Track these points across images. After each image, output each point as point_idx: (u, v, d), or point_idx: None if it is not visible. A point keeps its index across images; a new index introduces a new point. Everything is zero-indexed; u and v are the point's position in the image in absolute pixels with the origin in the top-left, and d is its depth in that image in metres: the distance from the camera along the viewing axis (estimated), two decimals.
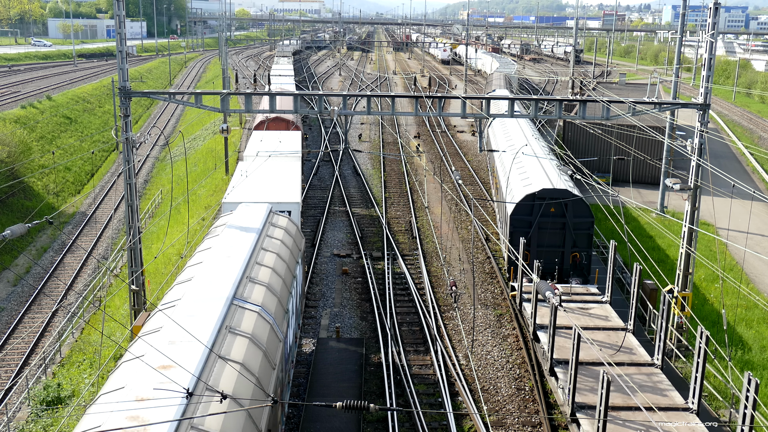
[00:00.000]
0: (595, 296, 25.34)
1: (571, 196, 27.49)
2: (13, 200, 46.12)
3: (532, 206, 27.64)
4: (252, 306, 17.30)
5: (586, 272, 28.04)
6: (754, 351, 26.48)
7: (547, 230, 27.66)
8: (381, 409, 15.29)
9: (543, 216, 27.51)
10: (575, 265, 27.96)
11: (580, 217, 27.60)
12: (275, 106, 27.28)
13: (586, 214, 27.59)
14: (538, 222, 27.57)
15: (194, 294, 17.19)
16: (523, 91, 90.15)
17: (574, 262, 27.95)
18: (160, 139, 67.60)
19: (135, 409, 12.06)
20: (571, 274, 27.99)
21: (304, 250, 25.87)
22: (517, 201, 27.95)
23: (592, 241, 28.39)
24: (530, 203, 27.65)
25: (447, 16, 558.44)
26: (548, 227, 27.64)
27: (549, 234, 27.68)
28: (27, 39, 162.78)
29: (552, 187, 27.85)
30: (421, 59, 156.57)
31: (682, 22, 40.23)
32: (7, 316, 32.91)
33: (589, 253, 27.99)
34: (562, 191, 27.66)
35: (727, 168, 53.48)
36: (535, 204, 27.58)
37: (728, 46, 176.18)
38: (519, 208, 27.81)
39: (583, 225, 27.70)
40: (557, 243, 27.78)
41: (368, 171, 51.07)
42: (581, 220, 27.64)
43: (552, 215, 27.53)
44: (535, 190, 27.74)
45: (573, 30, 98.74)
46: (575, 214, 27.53)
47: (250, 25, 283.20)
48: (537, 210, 27.53)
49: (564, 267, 27.84)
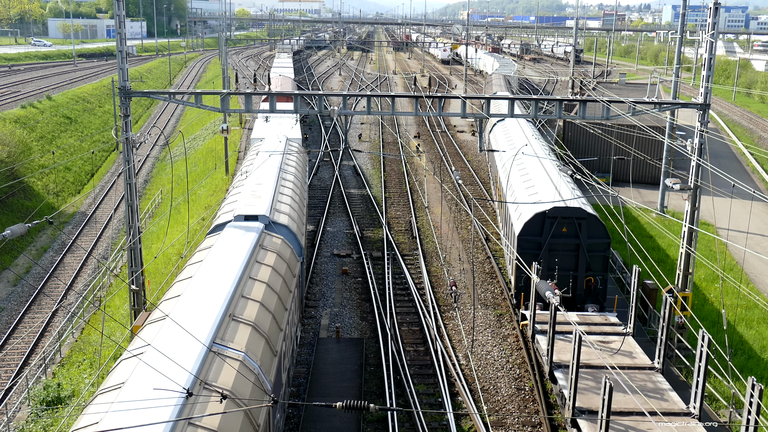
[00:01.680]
0: (615, 327, 22.99)
1: (585, 214, 25.39)
2: (13, 200, 46.12)
3: (542, 226, 25.48)
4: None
5: (601, 298, 25.94)
6: (754, 351, 26.48)
7: (558, 252, 25.47)
8: (381, 409, 15.30)
9: (554, 237, 25.40)
10: (590, 290, 25.86)
11: (595, 237, 25.47)
12: (275, 105, 27.30)
13: (601, 234, 25.49)
14: (548, 243, 25.41)
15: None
16: (523, 91, 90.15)
17: (588, 287, 25.83)
18: (160, 139, 67.59)
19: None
20: (585, 300, 25.83)
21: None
22: (525, 220, 25.85)
23: (608, 264, 26.39)
24: (540, 223, 25.50)
25: (447, 16, 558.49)
26: (560, 249, 25.47)
27: (561, 256, 25.49)
28: (27, 39, 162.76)
29: (564, 206, 25.72)
30: (421, 59, 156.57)
31: (682, 22, 40.23)
32: (7, 316, 32.91)
33: (605, 277, 25.91)
34: (576, 210, 25.47)
35: (727, 168, 53.48)
36: (545, 223, 25.40)
37: (728, 46, 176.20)
38: (528, 228, 25.69)
39: (599, 246, 25.57)
40: (570, 266, 25.65)
41: (368, 171, 51.07)
42: (596, 242, 25.52)
43: (564, 236, 25.44)
44: (546, 209, 25.59)
45: (573, 30, 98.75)
46: (590, 235, 25.42)
47: (250, 25, 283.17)
48: (548, 230, 25.41)
49: (577, 292, 25.79)
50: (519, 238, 25.87)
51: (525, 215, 26.33)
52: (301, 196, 29.91)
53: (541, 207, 25.94)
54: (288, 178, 30.62)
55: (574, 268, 25.65)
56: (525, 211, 26.75)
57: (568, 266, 25.57)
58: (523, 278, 25.64)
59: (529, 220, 25.62)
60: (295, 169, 32.79)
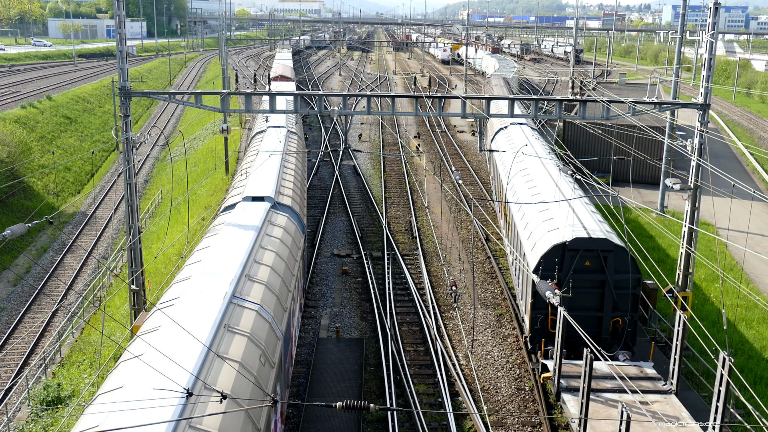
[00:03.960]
0: (654, 382, 19.75)
1: (612, 246, 22.21)
2: (13, 200, 46.12)
3: (561, 260, 22.27)
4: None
5: (630, 342, 22.84)
6: (754, 351, 26.48)
7: (581, 290, 22.36)
8: (381, 409, 15.30)
9: (576, 272, 22.24)
10: (616, 333, 22.79)
11: (623, 272, 22.27)
12: (275, 105, 27.32)
13: (630, 269, 22.29)
14: (569, 279, 22.20)
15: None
16: (523, 92, 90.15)
17: (615, 329, 22.77)
18: (160, 139, 67.60)
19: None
20: (611, 345, 22.66)
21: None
22: (542, 253, 22.54)
23: (639, 303, 23.02)
24: (559, 256, 22.29)
25: (447, 16, 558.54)
26: (583, 286, 22.37)
27: (584, 295, 22.40)
28: (27, 39, 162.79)
29: (587, 236, 22.54)
30: (421, 59, 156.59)
31: (682, 22, 40.24)
32: (7, 316, 32.90)
33: (635, 318, 22.72)
34: (601, 241, 22.25)
35: (727, 168, 53.49)
36: (565, 257, 22.25)
37: (728, 46, 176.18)
38: (545, 262, 22.30)
39: (627, 283, 22.37)
40: (594, 306, 22.56)
41: (368, 171, 51.08)
42: (624, 277, 22.30)
43: (587, 271, 22.30)
44: (566, 240, 22.32)
45: (573, 30, 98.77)
46: (617, 270, 22.25)
47: (250, 25, 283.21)
48: (568, 264, 22.24)
49: (602, 336, 22.66)
50: (535, 274, 22.39)
51: (541, 246, 23.13)
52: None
53: (560, 237, 22.80)
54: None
55: (599, 307, 22.56)
56: (541, 241, 23.61)
57: (591, 306, 22.58)
58: (540, 320, 22.72)
59: (546, 252, 22.41)
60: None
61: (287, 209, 25.83)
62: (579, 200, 27.08)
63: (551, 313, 22.28)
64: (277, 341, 17.12)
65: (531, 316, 22.95)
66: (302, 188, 30.87)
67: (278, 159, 31.81)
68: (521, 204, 28.68)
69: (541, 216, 25.60)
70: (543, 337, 22.61)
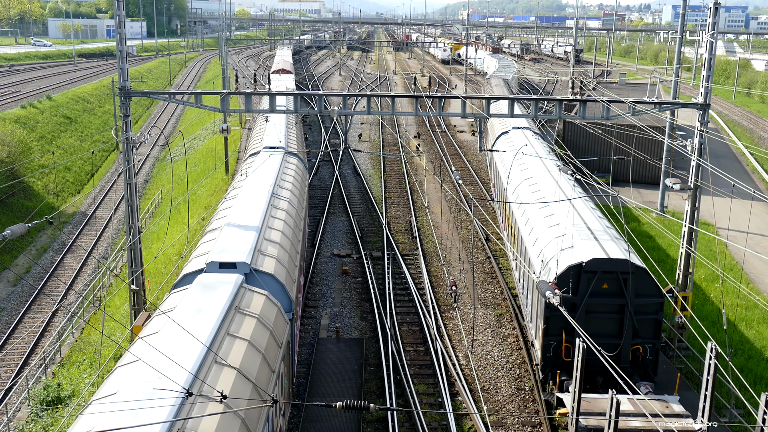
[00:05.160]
0: (682, 420, 18.06)
1: (633, 268, 20.61)
2: (13, 200, 46.12)
3: (577, 282, 20.74)
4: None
5: (651, 372, 21.30)
6: (754, 351, 26.48)
7: (598, 315, 20.87)
8: (381, 409, 15.30)
9: (593, 295, 20.72)
10: (637, 362, 21.25)
11: (644, 296, 20.77)
12: (275, 105, 27.32)
13: (652, 292, 20.79)
14: (585, 304, 20.71)
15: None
16: (523, 91, 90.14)
17: (635, 357, 21.21)
18: (160, 139, 67.60)
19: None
20: (632, 375, 21.10)
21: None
22: (556, 274, 21.07)
23: (661, 330, 21.52)
24: (575, 277, 20.76)
25: (447, 16, 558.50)
26: (600, 311, 20.86)
27: (601, 320, 20.89)
28: (27, 39, 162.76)
29: (606, 257, 20.92)
30: (421, 59, 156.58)
31: (682, 22, 40.24)
32: (7, 316, 32.90)
33: (657, 345, 21.23)
34: (620, 262, 20.66)
35: (727, 168, 53.49)
36: (582, 279, 20.69)
37: (728, 46, 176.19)
38: (559, 285, 20.79)
39: (649, 307, 20.87)
40: (612, 332, 20.98)
41: (368, 171, 51.08)
42: (646, 301, 20.80)
43: (606, 294, 20.77)
44: (583, 260, 20.78)
45: (573, 30, 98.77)
46: (638, 293, 20.70)
47: (250, 25, 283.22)
48: (585, 287, 20.67)
49: (621, 364, 21.04)
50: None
51: (555, 267, 21.53)
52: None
53: (576, 257, 21.23)
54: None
55: (618, 334, 20.98)
56: (554, 261, 22.01)
57: (609, 332, 20.96)
58: (553, 347, 21.24)
59: (560, 274, 20.84)
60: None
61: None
62: (590, 211, 25.83)
63: (566, 340, 20.86)
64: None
65: (543, 343, 21.26)
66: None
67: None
68: (525, 210, 27.53)
69: (552, 232, 24.17)
70: (557, 367, 21.08)
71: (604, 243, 22.11)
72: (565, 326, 20.76)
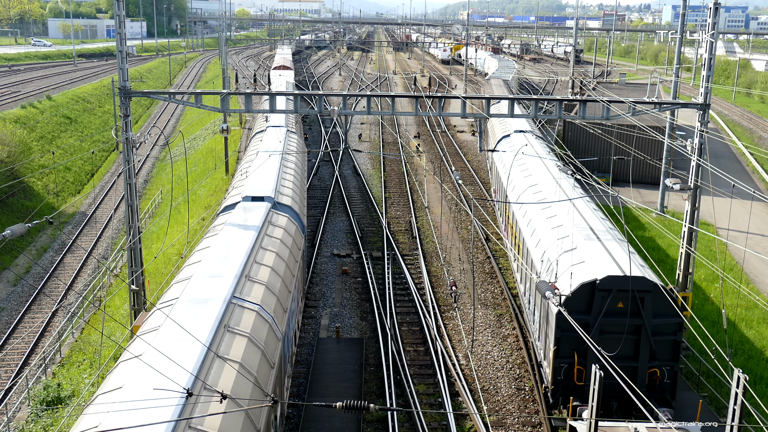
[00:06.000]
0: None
1: (650, 286, 19.39)
2: (13, 200, 46.12)
3: (590, 300, 19.50)
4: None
5: (669, 396, 20.02)
6: (754, 351, 26.49)
7: (613, 336, 19.58)
8: (381, 409, 15.30)
9: (607, 315, 19.43)
10: (654, 386, 20.01)
11: (662, 316, 19.54)
12: (275, 105, 27.32)
13: (670, 311, 19.55)
14: (599, 324, 19.43)
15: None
16: (523, 92, 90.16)
17: (652, 381, 19.99)
18: (160, 139, 67.60)
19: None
20: (649, 400, 19.56)
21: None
22: (568, 293, 19.71)
23: (680, 352, 20.21)
24: (587, 296, 19.53)
25: (447, 16, 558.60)
26: (615, 331, 19.57)
27: (616, 341, 19.59)
28: (27, 39, 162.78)
29: (621, 274, 19.62)
30: (421, 59, 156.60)
31: (682, 22, 40.25)
32: (7, 316, 32.91)
33: (675, 368, 19.91)
34: (637, 280, 19.36)
35: (727, 168, 53.49)
36: (595, 297, 19.43)
37: (728, 47, 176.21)
38: (571, 303, 19.53)
39: (667, 328, 19.64)
40: (627, 354, 19.71)
41: (368, 171, 51.08)
42: (664, 321, 19.56)
43: (621, 314, 19.51)
44: (597, 278, 19.50)
45: (573, 30, 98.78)
46: (655, 312, 19.52)
47: (250, 25, 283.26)
48: (598, 306, 19.40)
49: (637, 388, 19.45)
50: (559, 317, 19.68)
51: (565, 284, 20.23)
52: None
53: (589, 274, 19.93)
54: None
55: (633, 356, 19.78)
56: (565, 277, 20.67)
57: (625, 354, 19.68)
58: (565, 369, 19.97)
59: (573, 292, 19.60)
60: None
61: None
62: (600, 221, 24.66)
63: (578, 362, 19.60)
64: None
65: (554, 365, 19.90)
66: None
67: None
68: (530, 221, 26.50)
69: (561, 245, 22.80)
70: (569, 392, 19.94)
71: (621, 261, 20.67)
72: (578, 347, 19.62)
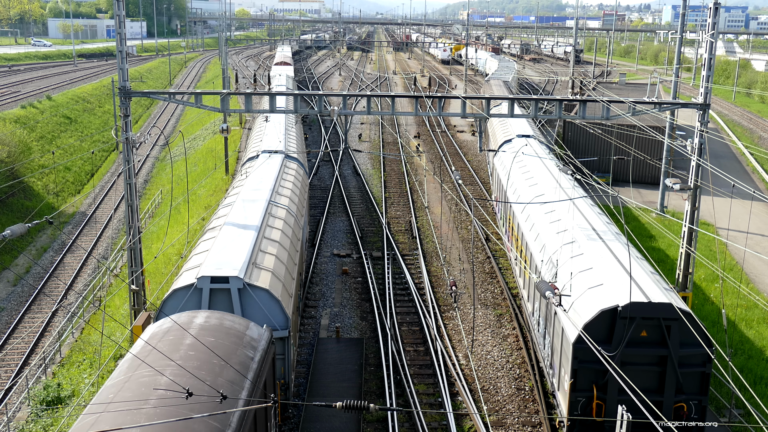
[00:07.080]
0: None
1: (676, 314, 17.69)
2: (13, 200, 46.12)
3: (611, 328, 17.86)
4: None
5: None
6: (754, 351, 26.49)
7: (636, 367, 17.94)
8: (381, 409, 15.30)
9: (630, 345, 17.79)
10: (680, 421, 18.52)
11: (690, 346, 17.89)
12: (275, 105, 27.33)
13: (698, 341, 17.82)
14: (621, 354, 17.77)
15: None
16: (523, 91, 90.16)
17: (678, 417, 18.41)
18: (160, 139, 67.59)
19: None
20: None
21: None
22: (586, 320, 17.94)
23: (709, 385, 18.54)
24: (608, 324, 17.88)
25: (447, 16, 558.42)
26: (637, 362, 17.97)
27: (639, 373, 17.92)
28: (27, 39, 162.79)
29: (646, 300, 17.94)
30: (421, 59, 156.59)
31: (682, 22, 40.24)
32: (7, 316, 32.91)
33: (704, 403, 18.30)
34: (663, 307, 17.79)
35: (727, 168, 53.49)
36: (617, 326, 17.76)
37: (728, 47, 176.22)
38: (590, 331, 17.70)
39: (695, 359, 18.00)
40: (651, 386, 18.07)
41: (368, 171, 51.09)
42: (692, 352, 17.91)
43: (645, 343, 17.91)
44: (619, 304, 17.78)
45: (573, 30, 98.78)
46: (683, 342, 17.88)
47: (250, 25, 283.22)
48: (620, 335, 17.74)
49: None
50: (575, 347, 17.95)
51: (584, 312, 18.40)
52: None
53: (609, 300, 18.24)
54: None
55: (658, 389, 18.15)
56: (582, 306, 18.80)
57: (649, 386, 18.01)
58: (582, 404, 18.27)
59: (591, 320, 17.92)
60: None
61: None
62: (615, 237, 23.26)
63: (597, 397, 18.08)
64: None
65: (570, 399, 18.29)
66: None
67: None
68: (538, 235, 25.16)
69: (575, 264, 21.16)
70: (587, 427, 18.39)
71: (646, 286, 18.86)
72: (596, 380, 18.04)
